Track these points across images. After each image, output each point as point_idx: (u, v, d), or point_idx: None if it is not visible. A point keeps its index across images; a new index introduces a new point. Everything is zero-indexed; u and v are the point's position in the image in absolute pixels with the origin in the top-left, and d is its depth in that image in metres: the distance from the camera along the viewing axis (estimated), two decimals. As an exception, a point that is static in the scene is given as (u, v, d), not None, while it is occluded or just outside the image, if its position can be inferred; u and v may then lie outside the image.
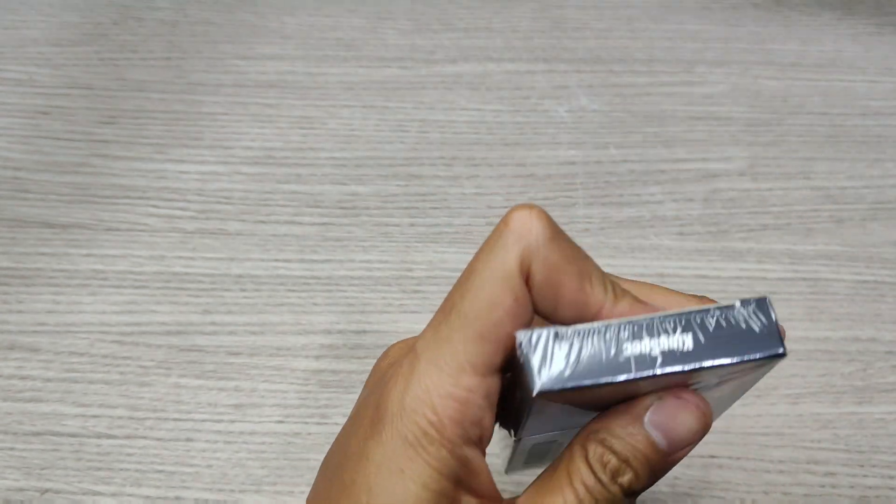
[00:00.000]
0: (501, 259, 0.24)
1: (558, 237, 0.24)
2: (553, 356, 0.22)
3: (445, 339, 0.23)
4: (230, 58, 0.53)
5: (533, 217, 0.24)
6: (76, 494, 0.38)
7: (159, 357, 0.41)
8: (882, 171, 0.48)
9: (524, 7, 0.56)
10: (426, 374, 0.23)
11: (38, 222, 0.46)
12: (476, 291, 0.23)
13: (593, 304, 0.24)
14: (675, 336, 0.23)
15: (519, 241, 0.24)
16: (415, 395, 0.23)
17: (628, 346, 0.22)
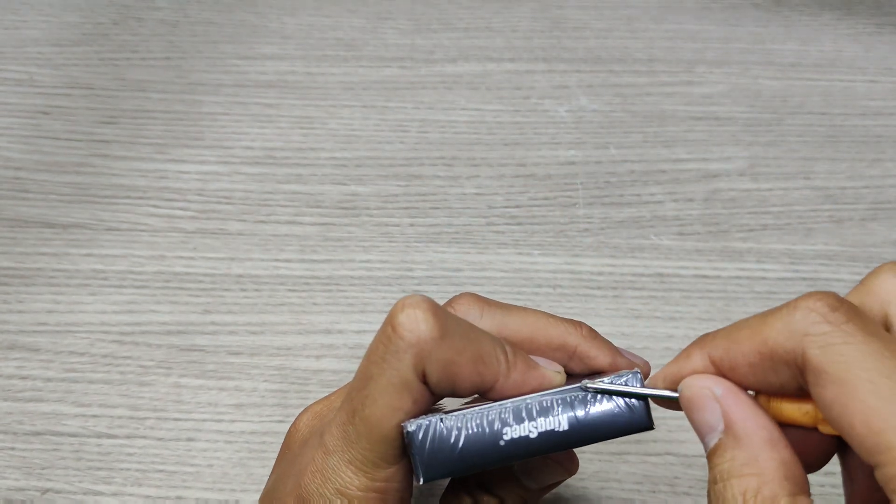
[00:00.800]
0: (395, 368, 0.24)
1: (447, 332, 0.24)
2: (437, 444, 0.24)
3: (354, 441, 0.25)
4: (230, 58, 0.53)
5: (419, 319, 0.24)
6: (77, 494, 0.38)
7: (160, 357, 0.41)
8: (882, 171, 0.48)
9: (524, 7, 0.56)
10: (342, 471, 0.25)
11: (38, 222, 0.46)
12: (375, 398, 0.24)
13: (488, 381, 0.25)
14: (551, 418, 0.24)
15: (410, 347, 0.24)
16: (335, 488, 0.25)
17: (507, 431, 0.24)
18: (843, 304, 0.21)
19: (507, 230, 0.46)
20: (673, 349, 0.42)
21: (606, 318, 0.43)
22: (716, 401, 0.22)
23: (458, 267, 0.45)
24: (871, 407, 0.19)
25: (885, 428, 0.19)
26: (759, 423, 0.21)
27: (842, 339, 0.20)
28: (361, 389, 0.25)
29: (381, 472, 0.25)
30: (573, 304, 0.44)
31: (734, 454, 0.21)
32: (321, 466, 0.25)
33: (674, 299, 0.43)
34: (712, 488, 0.21)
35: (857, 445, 0.20)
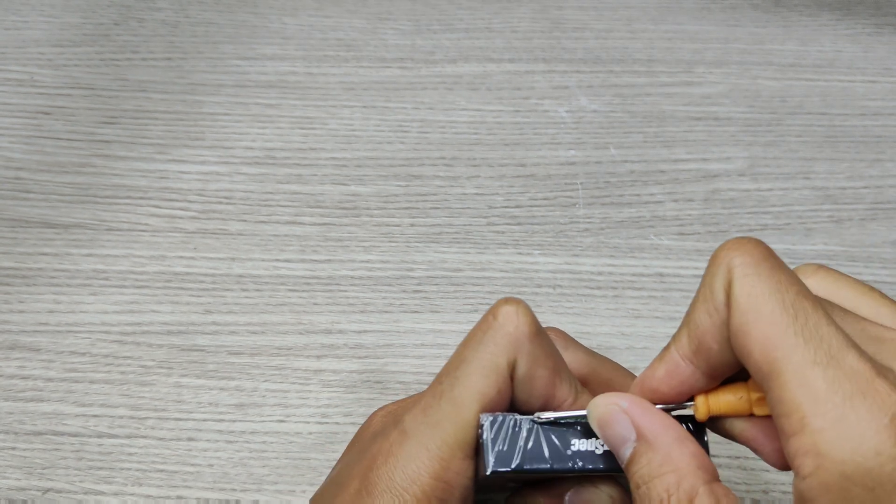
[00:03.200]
0: (490, 352, 0.25)
1: (540, 333, 0.26)
2: (508, 441, 0.25)
3: (436, 423, 0.25)
4: (231, 58, 0.53)
5: (520, 314, 0.26)
6: (77, 494, 0.38)
7: (160, 357, 0.42)
8: (881, 171, 0.49)
9: (524, 7, 0.56)
10: (416, 456, 0.25)
11: (39, 222, 0.46)
12: (464, 380, 0.25)
13: (559, 397, 0.26)
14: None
15: (507, 336, 0.25)
16: (405, 473, 0.25)
17: (576, 442, 0.25)
18: (760, 244, 0.23)
19: (507, 230, 0.46)
20: (673, 349, 0.42)
21: (606, 318, 0.43)
22: (624, 413, 0.24)
23: (458, 267, 0.45)
24: (767, 336, 0.21)
25: (777, 357, 0.21)
26: (666, 425, 0.23)
27: (754, 269, 0.23)
28: (453, 371, 0.26)
29: (456, 461, 0.25)
30: (573, 304, 0.44)
31: (650, 457, 0.23)
32: (396, 451, 0.26)
33: (674, 299, 0.43)
34: (636, 493, 0.23)
35: (754, 372, 0.22)
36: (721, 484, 0.23)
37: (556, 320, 0.43)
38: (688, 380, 0.24)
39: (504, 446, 0.25)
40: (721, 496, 0.22)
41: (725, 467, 0.38)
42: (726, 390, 0.25)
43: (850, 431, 0.20)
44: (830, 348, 0.21)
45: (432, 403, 0.26)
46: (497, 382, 0.25)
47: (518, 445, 0.25)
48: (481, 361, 0.25)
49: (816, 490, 0.20)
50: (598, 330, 0.43)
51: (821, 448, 0.20)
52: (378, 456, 0.26)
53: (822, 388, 0.20)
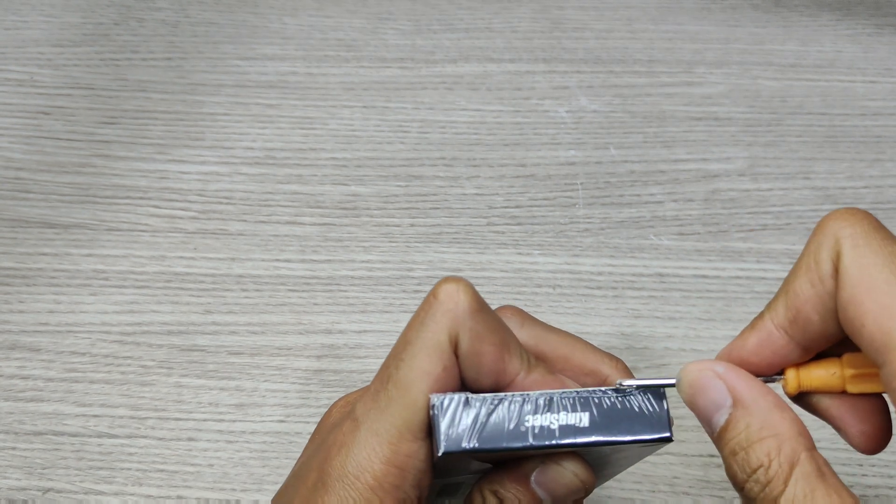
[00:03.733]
0: (432, 331, 0.25)
1: (483, 309, 0.25)
2: (460, 421, 0.25)
3: (383, 408, 0.25)
4: (231, 58, 0.53)
5: (460, 290, 0.25)
6: (78, 494, 0.38)
7: (161, 357, 0.42)
8: (881, 172, 0.49)
9: (524, 8, 0.56)
10: (366, 442, 0.25)
11: (39, 222, 0.46)
12: (409, 362, 0.25)
13: (510, 372, 0.26)
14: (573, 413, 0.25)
15: (447, 313, 0.25)
16: (356, 462, 0.25)
17: (529, 419, 0.25)
18: (868, 215, 0.23)
19: (507, 230, 0.46)
20: (672, 349, 0.42)
21: (606, 318, 0.43)
22: (719, 378, 0.23)
23: (458, 267, 0.45)
24: (883, 306, 0.21)
25: (893, 328, 0.20)
26: (764, 391, 0.23)
27: (865, 241, 0.22)
28: (398, 354, 0.26)
29: (406, 444, 0.25)
30: (573, 304, 0.44)
31: (748, 422, 0.22)
32: (348, 440, 0.26)
33: (674, 299, 0.43)
34: (733, 460, 0.23)
35: (866, 345, 0.21)
36: (819, 453, 0.22)
37: (556, 320, 0.43)
38: (780, 350, 0.24)
39: (456, 427, 0.25)
40: (822, 464, 0.22)
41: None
42: (818, 365, 0.24)
43: None
44: None
45: (379, 388, 0.26)
46: (442, 360, 0.25)
47: (470, 425, 0.25)
48: (424, 341, 0.25)
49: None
50: (598, 330, 0.43)
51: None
52: (332, 447, 0.26)
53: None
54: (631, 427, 0.25)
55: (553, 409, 0.25)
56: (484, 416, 0.25)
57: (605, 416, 0.25)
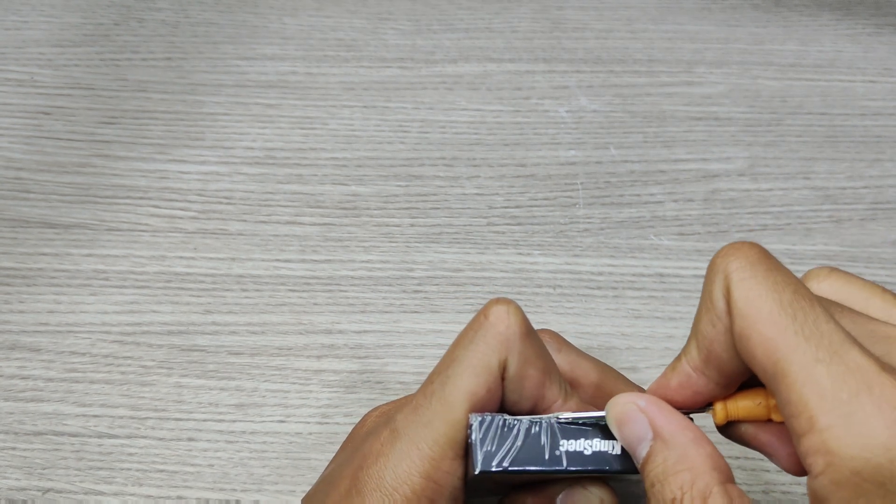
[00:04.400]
0: (482, 352, 0.25)
1: (531, 334, 0.26)
2: (497, 441, 0.25)
3: (426, 422, 0.25)
4: (231, 58, 0.53)
5: (511, 313, 0.26)
6: (78, 494, 0.38)
7: (161, 357, 0.42)
8: (881, 172, 0.49)
9: (524, 8, 0.56)
10: (407, 455, 0.25)
11: (39, 222, 0.46)
12: (455, 380, 0.25)
13: (549, 399, 0.26)
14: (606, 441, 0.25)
15: (497, 336, 0.25)
16: (395, 473, 0.25)
17: (564, 443, 0.25)
18: (754, 246, 0.24)
19: (508, 230, 0.46)
20: (673, 349, 0.42)
21: (606, 318, 0.43)
22: (641, 412, 0.24)
23: (458, 267, 0.45)
24: (768, 338, 0.21)
25: (780, 357, 0.21)
26: (683, 425, 0.23)
27: (751, 272, 0.23)
28: (444, 371, 0.26)
29: (446, 461, 0.25)
30: (573, 304, 0.44)
31: (665, 455, 0.23)
32: (386, 450, 0.26)
33: (674, 299, 0.43)
34: (650, 491, 0.23)
35: (760, 376, 0.22)
36: (735, 485, 0.23)
37: (556, 320, 0.43)
38: (702, 390, 0.24)
39: (493, 446, 0.25)
40: (735, 497, 0.22)
41: (725, 467, 0.38)
42: (744, 396, 0.25)
43: (858, 428, 0.20)
44: (832, 345, 0.21)
45: (423, 403, 0.26)
46: (487, 382, 0.25)
47: (507, 446, 0.25)
48: (472, 361, 0.25)
49: (828, 488, 0.20)
50: (598, 330, 0.43)
51: (830, 446, 0.20)
52: (369, 456, 0.26)
53: (828, 385, 0.20)
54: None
55: (587, 436, 0.25)
56: (521, 439, 0.25)
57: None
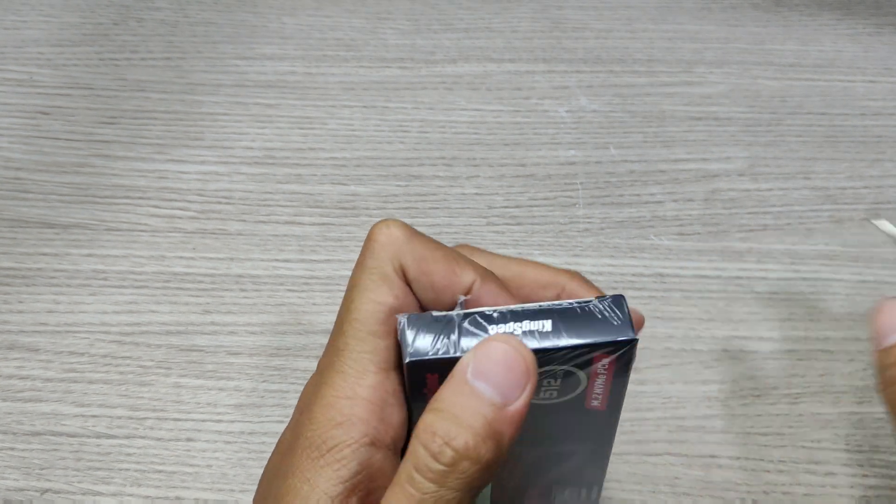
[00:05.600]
0: (375, 266, 0.26)
1: (418, 235, 0.26)
2: (426, 333, 0.25)
3: (342, 347, 0.25)
4: (230, 58, 0.53)
5: (391, 225, 0.26)
6: (76, 494, 0.38)
7: (159, 357, 0.41)
8: (881, 171, 0.48)
9: (524, 7, 0.56)
10: (330, 383, 0.25)
11: (38, 222, 0.46)
12: (359, 298, 0.25)
13: (465, 283, 0.26)
14: (535, 321, 0.25)
15: (385, 246, 0.26)
16: (322, 403, 0.25)
17: (493, 328, 0.25)
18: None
19: (507, 230, 0.46)
20: (673, 349, 0.42)
21: (606, 318, 0.43)
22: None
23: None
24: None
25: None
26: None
27: None
28: (346, 299, 0.26)
29: (370, 377, 0.25)
30: (573, 304, 0.44)
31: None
32: (312, 389, 0.26)
33: (674, 299, 0.43)
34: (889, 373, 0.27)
35: None
36: None
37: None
38: None
39: (422, 339, 0.25)
40: None
41: (726, 468, 0.38)
42: None
43: None
44: None
45: (336, 336, 0.26)
46: (392, 290, 0.25)
47: (434, 336, 0.25)
48: (369, 277, 0.25)
49: None
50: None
51: None
52: (301, 403, 0.26)
53: None
54: (595, 331, 0.25)
55: (516, 319, 0.25)
56: (448, 328, 0.25)
57: (568, 323, 0.25)
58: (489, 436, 0.22)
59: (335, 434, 0.24)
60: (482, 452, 0.21)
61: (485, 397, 0.22)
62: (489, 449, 0.22)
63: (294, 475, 0.24)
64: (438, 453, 0.21)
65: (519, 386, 0.22)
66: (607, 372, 0.26)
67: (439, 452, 0.21)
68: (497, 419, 0.22)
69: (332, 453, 0.24)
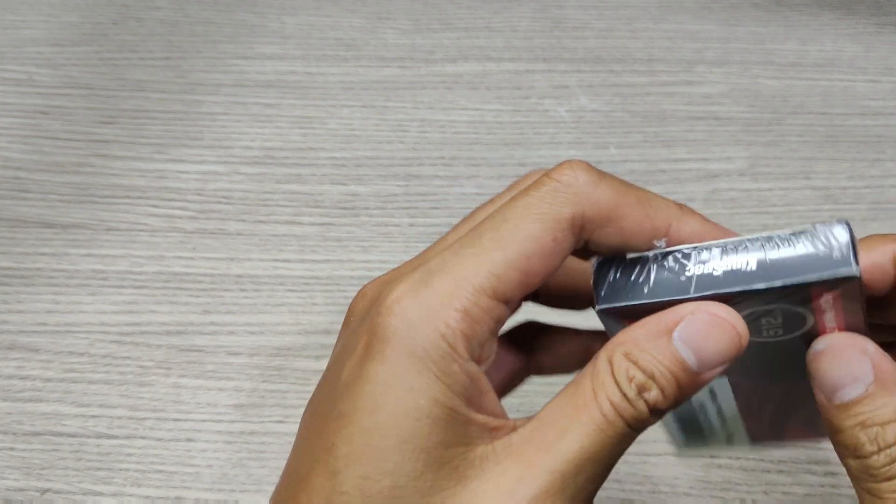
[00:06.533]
0: (550, 202, 0.22)
1: (604, 178, 0.23)
2: (619, 277, 0.22)
3: (471, 255, 0.22)
4: (230, 57, 0.53)
5: (576, 167, 0.23)
6: (76, 495, 0.38)
7: (159, 357, 0.41)
8: (882, 171, 0.48)
9: (524, 7, 0.56)
10: (441, 288, 0.22)
11: (37, 222, 0.46)
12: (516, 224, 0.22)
13: (662, 223, 0.23)
14: (739, 257, 0.22)
15: (568, 188, 0.22)
16: (425, 307, 0.22)
17: (691, 268, 0.22)
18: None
19: (507, 230, 0.46)
20: (673, 349, 0.42)
21: (606, 318, 0.43)
22: (866, 356, 0.22)
23: (457, 267, 0.45)
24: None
25: None
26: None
27: None
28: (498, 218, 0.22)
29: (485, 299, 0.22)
30: (573, 304, 0.44)
31: (887, 401, 0.22)
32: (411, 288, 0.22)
33: (674, 299, 0.43)
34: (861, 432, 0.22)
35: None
36: None
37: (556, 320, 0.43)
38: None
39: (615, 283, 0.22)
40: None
41: (726, 468, 0.38)
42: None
43: None
44: None
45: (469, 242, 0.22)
46: (555, 231, 0.22)
47: (628, 280, 0.22)
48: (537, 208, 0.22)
49: None
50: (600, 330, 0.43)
51: None
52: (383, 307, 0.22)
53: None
54: (806, 264, 0.21)
55: (716, 256, 0.23)
56: (644, 273, 0.22)
57: (776, 258, 0.22)
58: (676, 396, 0.22)
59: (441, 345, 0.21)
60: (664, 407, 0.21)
61: (685, 364, 0.22)
62: (671, 406, 0.22)
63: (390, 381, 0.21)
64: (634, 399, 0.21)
65: (721, 357, 0.22)
66: (834, 306, 0.22)
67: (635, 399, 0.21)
68: (687, 383, 0.22)
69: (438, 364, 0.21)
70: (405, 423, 0.21)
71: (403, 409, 0.21)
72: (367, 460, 0.21)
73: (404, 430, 0.21)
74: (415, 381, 0.21)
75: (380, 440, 0.21)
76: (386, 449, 0.21)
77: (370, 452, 0.21)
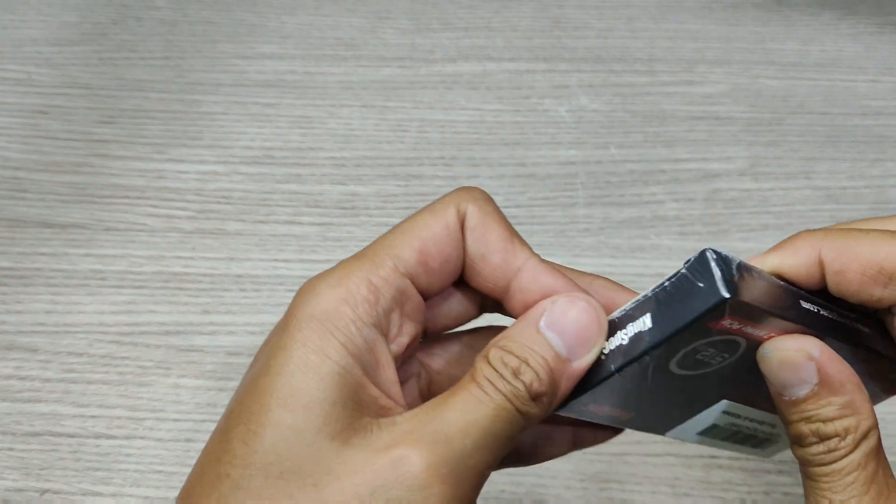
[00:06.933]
0: (441, 204, 0.26)
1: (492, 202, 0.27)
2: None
3: (375, 243, 0.25)
4: (229, 57, 0.53)
5: (472, 188, 0.27)
6: (75, 495, 0.38)
7: (158, 357, 0.41)
8: (883, 171, 0.48)
9: (524, 6, 0.56)
10: (346, 266, 0.24)
11: (36, 222, 0.46)
12: (414, 218, 0.26)
13: (519, 258, 0.26)
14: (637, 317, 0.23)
15: (456, 197, 0.27)
16: (331, 280, 0.24)
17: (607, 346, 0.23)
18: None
19: (507, 230, 0.46)
20: (673, 349, 0.42)
21: (607, 318, 0.43)
22: (811, 360, 0.24)
23: (457, 267, 0.44)
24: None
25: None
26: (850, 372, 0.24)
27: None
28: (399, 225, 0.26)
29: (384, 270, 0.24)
30: (573, 304, 0.43)
31: (830, 400, 0.23)
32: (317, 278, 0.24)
33: (674, 299, 0.43)
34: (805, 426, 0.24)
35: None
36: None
37: (556, 321, 0.43)
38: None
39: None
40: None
41: (727, 468, 0.38)
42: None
43: None
44: None
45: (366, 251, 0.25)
46: (445, 219, 0.26)
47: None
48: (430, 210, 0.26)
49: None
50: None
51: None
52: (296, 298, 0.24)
53: None
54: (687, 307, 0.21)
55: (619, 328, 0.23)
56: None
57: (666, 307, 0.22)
58: (551, 382, 0.23)
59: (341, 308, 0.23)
60: (542, 391, 0.22)
61: (553, 348, 0.23)
62: (550, 395, 0.23)
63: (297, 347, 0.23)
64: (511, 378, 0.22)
65: (587, 345, 0.23)
66: (748, 322, 0.22)
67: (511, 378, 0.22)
68: (560, 369, 0.23)
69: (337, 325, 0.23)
70: (293, 380, 0.22)
71: (293, 366, 0.22)
72: (251, 415, 0.22)
73: (290, 385, 0.22)
74: (308, 337, 0.22)
75: (267, 397, 0.22)
76: (269, 404, 0.22)
77: (255, 408, 0.22)
